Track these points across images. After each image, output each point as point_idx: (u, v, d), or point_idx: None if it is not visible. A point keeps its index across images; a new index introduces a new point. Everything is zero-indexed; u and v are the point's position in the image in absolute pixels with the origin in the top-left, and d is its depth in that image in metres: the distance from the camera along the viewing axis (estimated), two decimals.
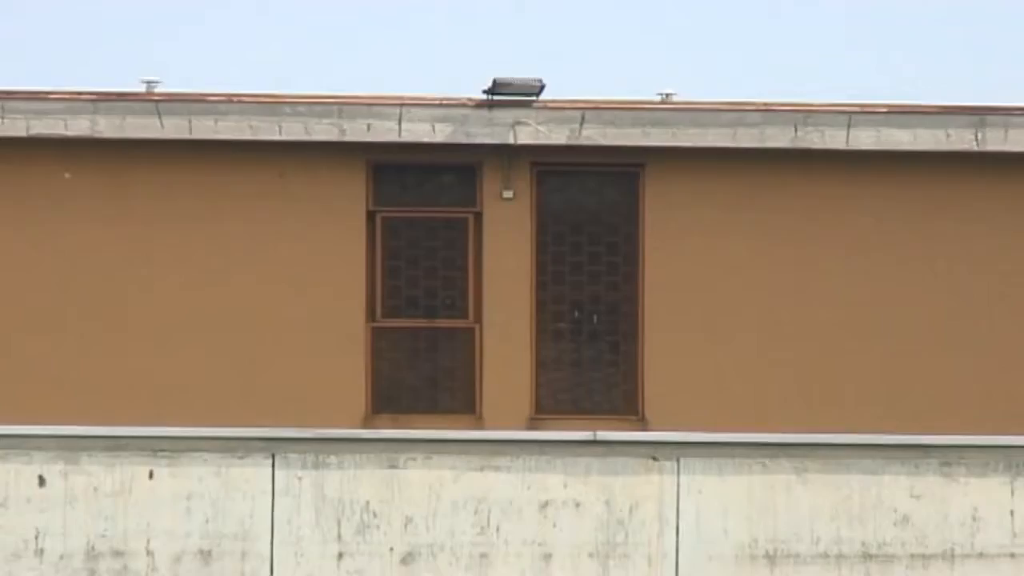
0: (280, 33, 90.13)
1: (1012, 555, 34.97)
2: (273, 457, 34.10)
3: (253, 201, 42.08)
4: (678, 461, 34.19)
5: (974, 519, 34.87)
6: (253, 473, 33.91)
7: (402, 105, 41.45)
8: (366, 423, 39.93)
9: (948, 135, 42.00)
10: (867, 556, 34.70)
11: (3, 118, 41.80)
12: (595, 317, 42.19)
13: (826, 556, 34.70)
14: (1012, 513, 35.19)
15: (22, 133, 41.66)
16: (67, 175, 41.53)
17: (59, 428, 35.40)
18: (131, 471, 34.21)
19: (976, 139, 42.28)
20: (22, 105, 41.98)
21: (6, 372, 41.78)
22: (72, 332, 42.08)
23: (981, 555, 35.04)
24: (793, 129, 41.74)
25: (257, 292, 42.05)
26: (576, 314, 42.46)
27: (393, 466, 34.04)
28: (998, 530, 35.11)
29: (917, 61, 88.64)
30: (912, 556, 34.90)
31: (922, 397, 40.85)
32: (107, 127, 42.00)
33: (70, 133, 42.07)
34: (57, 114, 42.19)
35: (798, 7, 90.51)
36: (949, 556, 35.09)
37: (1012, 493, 35.00)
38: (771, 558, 34.32)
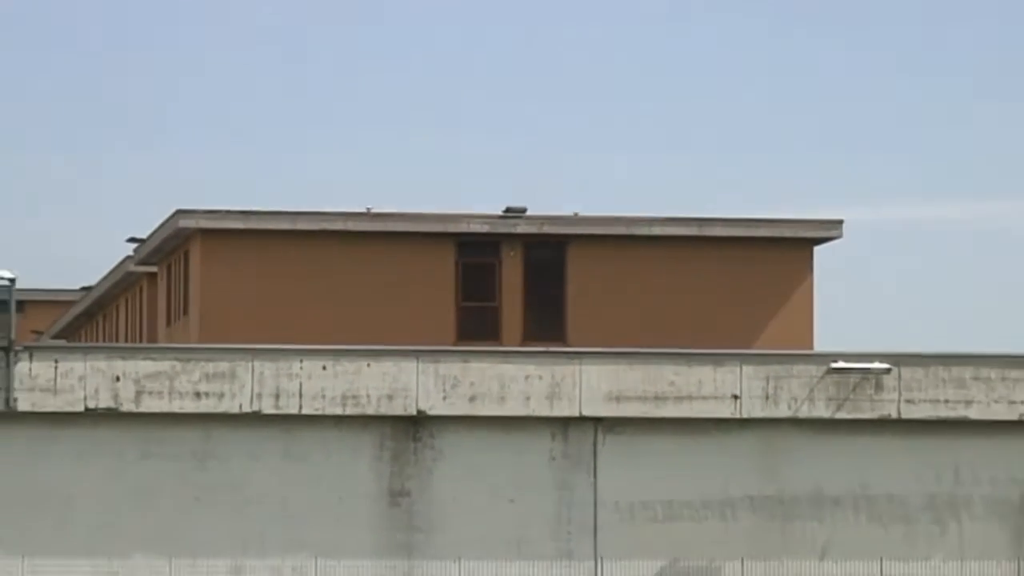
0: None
1: (725, 398, 36.26)
2: (417, 358, 36.13)
3: (409, 256, 45.53)
4: (580, 359, 36.81)
5: (712, 382, 36.59)
6: (409, 365, 35.96)
7: (469, 217, 45.92)
8: (455, 344, 43.03)
9: (694, 229, 46.34)
10: (657, 399, 36.44)
11: (295, 223, 45.43)
12: (545, 312, 46.34)
13: (640, 399, 36.32)
14: (724, 383, 36.51)
15: (315, 227, 45.36)
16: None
17: (333, 346, 37.22)
18: (360, 363, 35.76)
19: (699, 230, 46.49)
20: (312, 216, 45.42)
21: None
22: (335, 315, 44.60)
23: (716, 398, 36.41)
24: (625, 226, 46.17)
25: (416, 293, 45.40)
26: (537, 303, 46.20)
27: (466, 361, 36.32)
28: (719, 386, 36.59)
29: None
30: (677, 398, 36.43)
31: (684, 340, 43.11)
32: (351, 225, 45.43)
33: (335, 228, 45.37)
34: (329, 221, 45.42)
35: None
36: (698, 397, 36.49)
37: (714, 371, 36.37)
38: (619, 399, 36.27)
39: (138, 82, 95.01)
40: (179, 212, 44.92)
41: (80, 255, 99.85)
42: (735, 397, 36.83)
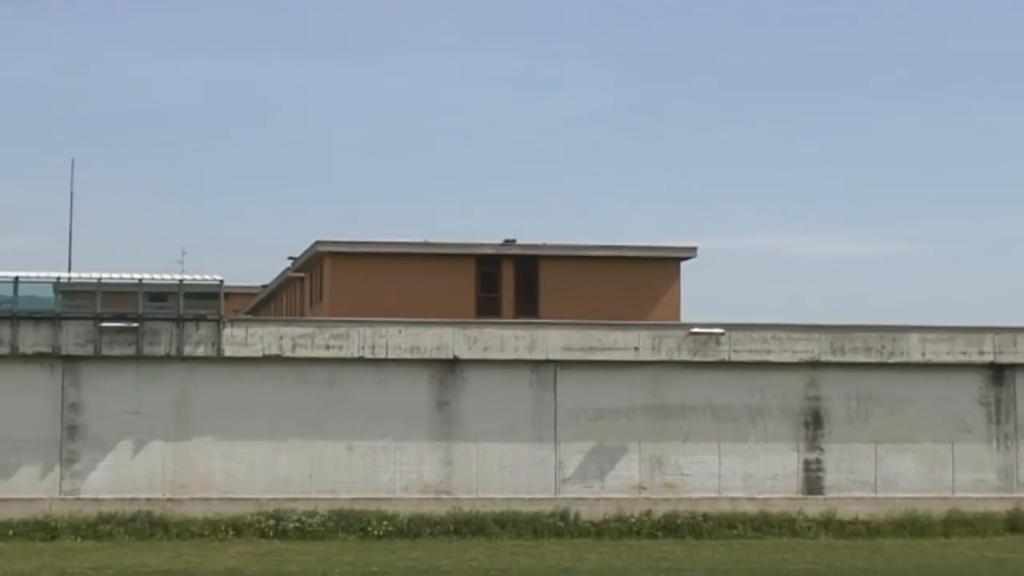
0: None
1: (629, 349, 36.02)
2: (453, 326, 35.83)
3: (448, 267, 44.25)
4: (547, 327, 36.48)
5: (622, 340, 36.04)
6: (448, 329, 35.65)
7: (483, 244, 44.55)
8: (475, 318, 41.32)
9: (612, 252, 45.15)
10: (591, 349, 36.11)
11: (384, 248, 44.14)
12: (528, 300, 44.62)
13: (581, 349, 35.87)
14: (629, 340, 36.08)
15: (395, 251, 44.05)
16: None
17: (404, 319, 36.32)
18: (421, 329, 35.44)
19: (615, 252, 45.16)
20: (393, 244, 44.12)
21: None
22: (406, 301, 42.39)
23: (624, 349, 36.05)
24: (574, 250, 44.92)
25: (452, 289, 43.86)
26: (523, 295, 44.42)
27: (481, 328, 36.16)
28: (626, 343, 36.13)
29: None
30: (602, 349, 35.88)
31: (606, 316, 41.79)
32: (416, 250, 44.37)
33: (406, 251, 44.17)
34: (403, 247, 43.88)
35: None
36: (614, 348, 36.06)
37: (623, 334, 36.20)
38: (569, 350, 35.91)
39: (292, 153, 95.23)
40: (317, 242, 44.53)
41: (261, 265, 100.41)
42: (636, 348, 36.46)
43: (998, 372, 37.15)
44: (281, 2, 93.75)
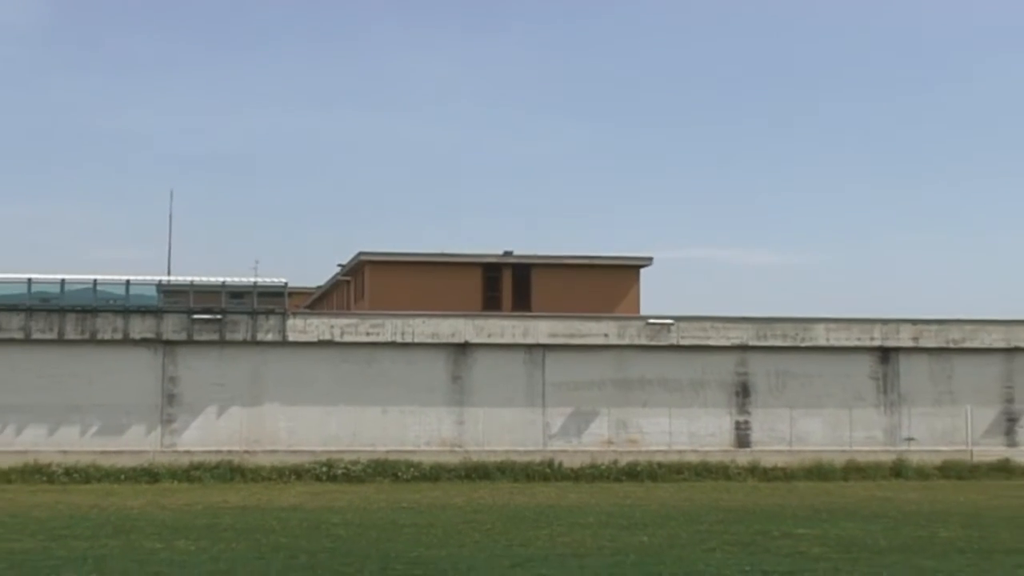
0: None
1: (600, 336, 35.53)
2: (464, 317, 35.38)
3: (461, 273, 42.50)
4: (537, 319, 35.81)
5: (595, 329, 35.56)
6: (461, 320, 35.06)
7: (487, 255, 42.96)
8: (481, 311, 40.01)
9: (586, 260, 43.40)
10: (571, 336, 35.32)
11: (412, 258, 42.32)
12: (522, 298, 42.67)
13: (563, 335, 35.53)
14: (599, 329, 35.59)
15: (420, 260, 42.23)
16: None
17: (427, 312, 36.16)
18: (440, 320, 34.90)
19: (588, 261, 43.59)
20: (418, 254, 42.53)
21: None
22: (428, 299, 40.67)
23: (595, 335, 35.44)
24: (557, 259, 43.31)
25: (464, 290, 42.23)
26: (519, 294, 42.63)
27: (486, 319, 35.44)
28: (598, 331, 35.55)
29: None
30: (580, 335, 35.54)
31: (582, 310, 40.90)
32: (436, 259, 42.44)
33: (429, 260, 42.32)
34: (426, 257, 42.22)
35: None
36: (589, 335, 35.52)
37: (596, 324, 35.54)
38: (554, 336, 35.45)
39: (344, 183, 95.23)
40: (360, 253, 43.63)
41: (317, 271, 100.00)
42: (605, 335, 36.03)
43: (885, 354, 37.06)
44: (333, 66, 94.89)
